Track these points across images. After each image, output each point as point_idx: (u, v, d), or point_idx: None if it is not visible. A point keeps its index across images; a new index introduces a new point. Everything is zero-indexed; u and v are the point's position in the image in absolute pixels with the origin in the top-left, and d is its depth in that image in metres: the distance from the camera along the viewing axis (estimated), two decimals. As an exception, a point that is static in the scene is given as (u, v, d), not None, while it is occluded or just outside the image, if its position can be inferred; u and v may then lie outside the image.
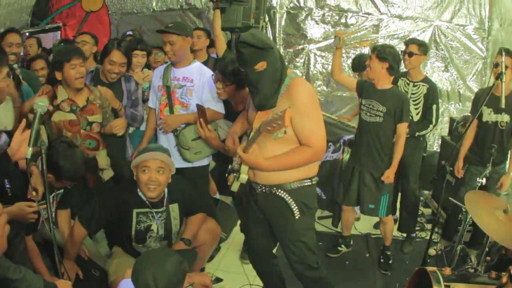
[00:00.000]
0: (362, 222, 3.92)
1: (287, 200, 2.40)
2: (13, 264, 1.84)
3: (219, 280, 3.32)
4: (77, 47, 3.40)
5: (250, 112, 2.50)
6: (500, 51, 3.29)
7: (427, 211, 4.77)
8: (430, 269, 2.39)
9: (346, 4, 5.93)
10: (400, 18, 5.87)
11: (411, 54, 3.70)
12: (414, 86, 3.78)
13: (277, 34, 6.09)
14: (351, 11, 5.93)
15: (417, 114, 3.75)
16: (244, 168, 2.37)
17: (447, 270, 2.37)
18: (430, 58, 5.82)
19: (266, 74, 2.23)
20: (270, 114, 2.19)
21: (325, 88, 6.21)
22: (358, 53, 5.39)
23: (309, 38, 6.08)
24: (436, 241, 3.84)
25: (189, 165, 3.31)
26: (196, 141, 3.24)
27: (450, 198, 3.26)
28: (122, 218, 2.72)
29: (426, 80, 3.83)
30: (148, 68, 4.15)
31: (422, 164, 4.12)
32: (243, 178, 2.39)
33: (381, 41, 5.79)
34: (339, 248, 3.86)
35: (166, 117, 3.27)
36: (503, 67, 3.06)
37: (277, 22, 6.09)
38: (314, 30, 6.07)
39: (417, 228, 4.24)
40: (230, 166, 2.56)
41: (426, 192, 5.06)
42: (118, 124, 3.33)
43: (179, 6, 6.45)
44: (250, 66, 2.22)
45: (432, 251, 3.73)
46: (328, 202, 4.27)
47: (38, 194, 2.25)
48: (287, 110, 1.88)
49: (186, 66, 3.29)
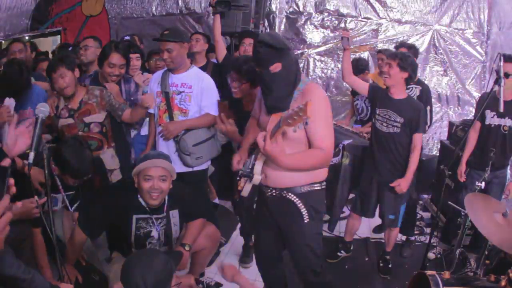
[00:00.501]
0: (361, 227, 3.91)
1: (297, 203, 2.40)
2: (23, 264, 1.91)
3: (219, 285, 3.30)
4: (64, 56, 3.31)
5: (262, 116, 2.48)
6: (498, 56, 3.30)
7: (427, 215, 4.76)
8: (429, 273, 2.39)
9: (345, 9, 5.95)
10: (399, 22, 5.89)
11: None
12: (407, 89, 3.77)
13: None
14: (350, 16, 5.96)
15: None
16: (257, 168, 2.36)
17: (446, 274, 2.37)
18: (429, 62, 5.85)
19: (280, 76, 2.24)
20: (281, 115, 2.18)
21: (324, 92, 6.20)
22: (354, 57, 5.40)
23: (308, 42, 6.09)
24: (435, 245, 3.84)
25: (188, 169, 3.30)
26: (197, 146, 3.24)
27: (450, 202, 3.25)
28: (122, 224, 2.71)
29: (418, 82, 3.85)
30: (148, 72, 4.15)
31: (421, 168, 4.12)
32: (257, 179, 2.37)
33: (380, 45, 5.81)
34: (338, 253, 3.85)
35: (167, 124, 3.26)
36: (501, 72, 3.07)
37: (276, 27, 6.10)
38: (313, 34, 6.09)
39: (416, 232, 4.24)
40: (240, 172, 2.51)
41: (425, 196, 5.05)
42: (146, 98, 3.23)
43: (179, 11, 6.47)
44: (266, 66, 2.22)
45: (431, 255, 3.74)
46: (327, 207, 4.24)
47: (40, 199, 2.23)
48: (308, 102, 1.85)
49: (184, 72, 3.29)
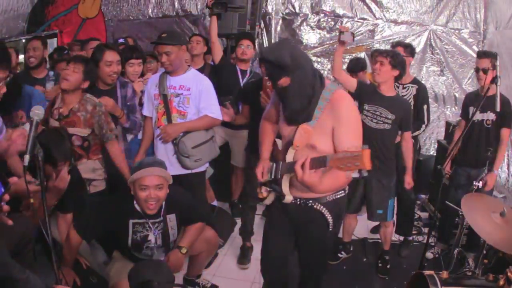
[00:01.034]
0: (359, 227, 3.91)
1: (324, 213, 2.33)
2: (17, 264, 1.92)
3: (215, 287, 3.29)
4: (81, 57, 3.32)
5: (283, 124, 2.37)
6: (482, 55, 3.50)
7: (424, 215, 4.76)
8: (427, 272, 2.40)
9: (341, 9, 5.95)
10: (395, 22, 5.90)
11: None
12: (404, 88, 3.79)
13: (272, 40, 6.08)
14: (347, 17, 5.95)
15: None
16: (285, 187, 2.25)
17: (445, 274, 2.37)
18: (425, 62, 5.86)
19: (291, 89, 2.14)
20: (309, 128, 2.16)
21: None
22: (355, 55, 5.42)
23: (304, 44, 6.08)
24: (433, 244, 3.84)
25: (186, 172, 3.29)
26: (196, 148, 3.23)
27: (447, 202, 3.26)
28: (118, 228, 2.70)
29: (415, 81, 3.86)
30: (141, 76, 4.10)
31: (419, 168, 4.13)
32: (289, 199, 2.27)
33: (376, 46, 5.81)
34: (339, 255, 3.84)
35: (165, 126, 3.24)
36: (498, 71, 3.07)
37: (272, 28, 6.10)
38: (309, 36, 6.08)
39: (414, 231, 4.24)
40: (259, 179, 2.41)
41: (423, 196, 5.05)
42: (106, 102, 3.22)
43: (175, 13, 6.45)
44: (274, 81, 2.16)
45: (429, 255, 3.75)
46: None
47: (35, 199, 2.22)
48: (367, 151, 1.66)
49: (182, 74, 3.28)
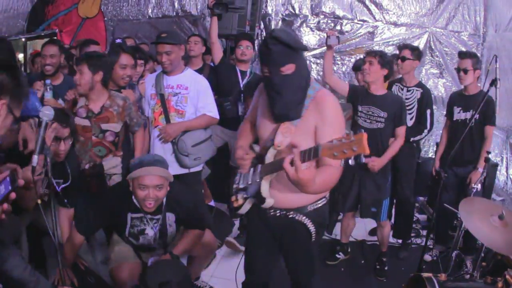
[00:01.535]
0: (357, 229, 3.91)
1: (306, 223, 2.21)
2: (29, 266, 1.95)
3: (212, 289, 3.29)
4: (91, 56, 3.20)
5: (264, 124, 2.21)
6: (463, 55, 3.58)
7: (423, 218, 4.77)
8: (425, 275, 2.39)
9: (341, 11, 5.96)
10: (395, 25, 5.91)
11: (404, 59, 3.72)
12: (408, 91, 3.78)
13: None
14: (346, 18, 5.96)
15: (410, 119, 3.73)
16: (265, 189, 2.07)
17: (443, 276, 2.37)
18: (425, 64, 5.85)
19: (292, 79, 1.98)
20: (291, 127, 2.04)
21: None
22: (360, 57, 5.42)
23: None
24: (431, 247, 3.84)
25: (184, 171, 3.30)
26: (195, 147, 3.24)
27: (446, 205, 3.25)
28: (117, 220, 2.73)
29: (419, 85, 3.85)
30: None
31: (417, 170, 4.12)
32: (269, 202, 2.09)
33: (376, 48, 5.81)
34: (337, 255, 3.84)
35: (165, 126, 3.24)
36: (497, 73, 3.07)
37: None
38: (309, 37, 6.09)
39: (412, 234, 4.24)
40: (235, 186, 2.26)
41: (422, 198, 5.05)
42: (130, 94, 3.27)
43: (175, 13, 6.45)
44: (277, 67, 1.96)
45: (427, 257, 3.74)
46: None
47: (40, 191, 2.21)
48: (364, 134, 1.54)
49: (179, 74, 3.29)
